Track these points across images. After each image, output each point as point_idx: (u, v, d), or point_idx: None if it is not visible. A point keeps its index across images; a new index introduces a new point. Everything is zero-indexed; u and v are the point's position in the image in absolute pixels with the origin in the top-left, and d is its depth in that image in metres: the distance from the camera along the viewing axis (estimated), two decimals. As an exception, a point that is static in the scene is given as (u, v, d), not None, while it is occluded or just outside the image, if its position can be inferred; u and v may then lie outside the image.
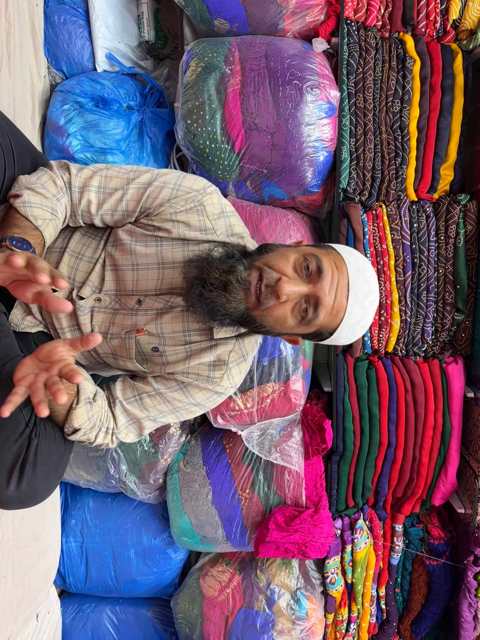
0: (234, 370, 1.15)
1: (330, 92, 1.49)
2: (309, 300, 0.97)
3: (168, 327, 1.11)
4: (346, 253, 1.01)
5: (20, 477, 0.96)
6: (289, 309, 0.97)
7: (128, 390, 1.13)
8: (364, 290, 0.99)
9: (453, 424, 1.63)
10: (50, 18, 1.68)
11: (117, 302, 1.12)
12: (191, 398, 1.14)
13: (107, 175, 1.08)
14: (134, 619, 1.84)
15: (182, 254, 1.09)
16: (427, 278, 1.58)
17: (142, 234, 1.09)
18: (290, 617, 1.64)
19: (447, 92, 1.57)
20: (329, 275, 0.96)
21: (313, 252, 0.98)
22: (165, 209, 1.08)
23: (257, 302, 0.96)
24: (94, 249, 1.14)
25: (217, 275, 0.96)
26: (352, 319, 0.99)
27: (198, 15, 1.58)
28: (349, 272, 0.98)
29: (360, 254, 1.06)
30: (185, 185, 1.09)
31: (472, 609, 1.65)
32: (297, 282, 0.95)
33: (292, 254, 0.98)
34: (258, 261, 0.98)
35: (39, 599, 1.54)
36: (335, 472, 1.69)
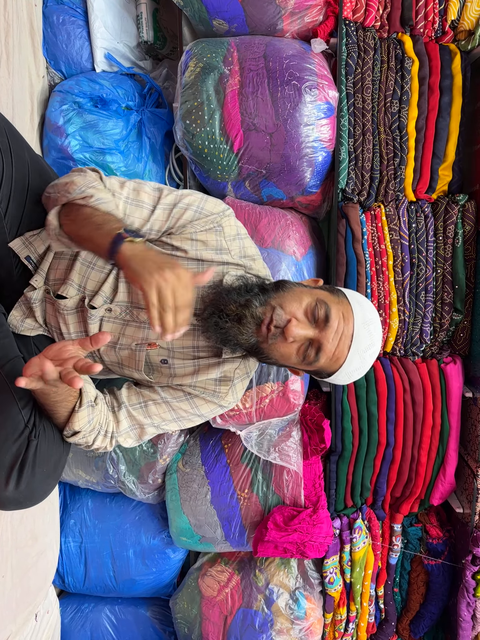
0: (238, 386, 1.20)
1: (328, 92, 1.49)
2: (312, 344, 1.03)
3: (178, 343, 1.14)
4: (355, 304, 1.07)
5: (19, 477, 0.96)
6: (295, 348, 1.03)
7: (134, 397, 1.15)
8: (366, 343, 1.05)
9: (451, 423, 1.64)
10: (49, 18, 1.69)
11: (128, 313, 1.14)
12: (196, 409, 1.18)
13: (134, 189, 1.10)
14: (133, 618, 1.84)
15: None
16: (426, 278, 1.58)
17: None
18: (289, 616, 1.64)
19: (445, 93, 1.57)
20: (335, 325, 1.02)
21: (325, 299, 1.04)
22: (186, 229, 1.12)
23: (267, 337, 1.02)
24: None
25: (234, 308, 1.02)
26: (350, 367, 1.05)
27: (197, 15, 1.58)
28: (355, 324, 1.03)
29: (368, 305, 1.11)
30: (207, 208, 1.13)
31: (471, 608, 1.66)
32: (305, 327, 1.01)
33: (306, 297, 1.04)
34: (273, 300, 1.04)
35: (38, 599, 1.54)
36: (333, 472, 1.69)
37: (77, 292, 1.13)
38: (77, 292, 1.13)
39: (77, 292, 1.13)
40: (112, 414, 1.12)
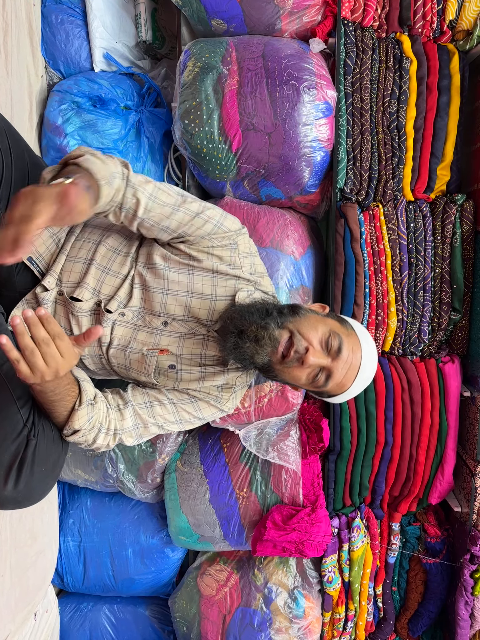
0: (238, 393, 1.27)
1: (327, 92, 1.49)
2: (323, 371, 1.10)
3: (188, 350, 1.19)
4: (362, 337, 1.16)
5: (17, 477, 0.97)
6: (306, 373, 1.11)
7: (139, 397, 1.18)
8: (369, 375, 1.17)
9: (450, 423, 1.64)
10: (47, 18, 1.68)
11: (140, 319, 1.18)
12: (199, 412, 1.23)
13: (159, 188, 1.11)
14: (132, 618, 1.85)
15: (211, 288, 1.18)
16: (424, 278, 1.59)
17: (176, 261, 1.16)
18: (288, 615, 1.65)
19: (443, 93, 1.57)
20: (346, 356, 1.10)
21: (338, 331, 1.12)
22: (204, 241, 1.16)
23: (282, 359, 1.09)
24: (120, 264, 1.18)
25: (254, 329, 1.07)
26: (352, 391, 1.17)
27: (195, 15, 1.58)
28: (362, 356, 1.13)
29: (370, 338, 1.20)
30: (225, 225, 1.18)
31: (469, 607, 1.66)
32: (321, 355, 1.09)
33: (321, 326, 1.11)
34: (290, 324, 1.10)
35: (37, 598, 1.54)
36: (332, 471, 1.69)
37: (92, 296, 1.17)
38: (91, 296, 1.17)
39: (91, 295, 1.17)
40: (117, 412, 1.14)
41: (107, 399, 1.14)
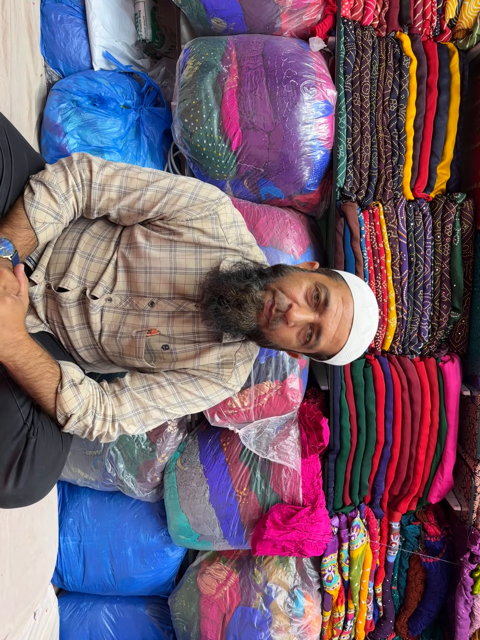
0: (240, 368, 1.21)
1: (327, 91, 1.49)
2: (313, 328, 1.04)
3: (179, 329, 1.15)
4: (355, 287, 1.09)
5: (18, 475, 0.97)
6: (295, 332, 1.05)
7: (137, 381, 1.16)
8: (366, 324, 1.08)
9: (449, 422, 1.64)
10: (47, 16, 1.68)
11: (127, 302, 1.16)
12: (201, 391, 1.18)
13: (128, 176, 1.12)
14: (132, 617, 1.85)
15: (195, 261, 1.14)
16: (424, 277, 1.59)
17: (157, 237, 1.14)
18: (288, 614, 1.65)
19: (443, 92, 1.57)
20: (335, 308, 1.03)
21: (324, 282, 1.05)
22: (181, 215, 1.13)
23: (268, 322, 1.03)
24: (104, 250, 1.17)
25: (234, 293, 1.02)
26: (350, 348, 1.08)
27: (195, 14, 1.58)
28: (355, 307, 1.06)
29: (367, 287, 1.13)
30: (201, 195, 1.14)
31: (468, 606, 1.66)
32: (306, 311, 1.03)
33: (305, 280, 1.05)
34: (273, 284, 1.05)
35: (37, 598, 1.54)
36: (332, 470, 1.69)
37: (78, 284, 1.15)
38: (77, 285, 1.15)
39: (77, 284, 1.15)
40: (114, 397, 1.12)
41: (103, 387, 1.13)
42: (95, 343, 1.19)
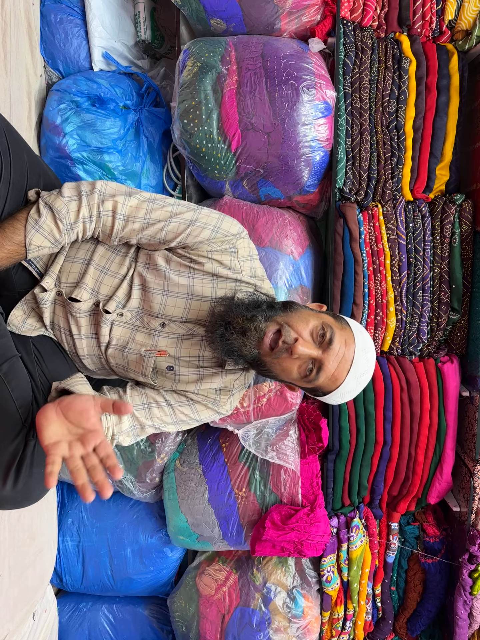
0: (236, 395, 1.27)
1: (326, 92, 1.49)
2: (314, 363, 1.08)
3: (186, 352, 1.19)
4: (357, 332, 1.13)
5: (16, 477, 0.97)
6: (297, 365, 1.08)
7: (137, 397, 1.18)
8: (363, 368, 1.12)
9: (448, 422, 1.64)
10: (46, 17, 1.68)
11: (138, 319, 1.18)
12: (196, 414, 1.22)
13: (152, 209, 1.13)
14: (131, 617, 1.85)
15: (211, 290, 1.17)
16: (423, 277, 1.59)
17: (177, 262, 1.16)
18: (287, 615, 1.65)
19: (442, 93, 1.57)
20: (337, 348, 1.08)
21: (330, 323, 1.10)
22: (203, 246, 1.16)
23: (271, 351, 1.07)
24: (119, 264, 1.18)
25: (240, 321, 1.07)
26: (346, 388, 1.12)
27: (194, 14, 1.58)
28: (356, 350, 1.10)
29: (368, 335, 1.17)
30: (223, 228, 1.17)
31: (467, 606, 1.66)
32: (311, 346, 1.07)
33: (313, 319, 1.10)
34: (280, 317, 1.09)
35: (36, 598, 1.54)
36: (331, 470, 1.69)
37: (91, 296, 1.17)
38: (90, 296, 1.16)
39: (90, 296, 1.16)
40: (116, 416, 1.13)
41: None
42: (100, 353, 1.21)
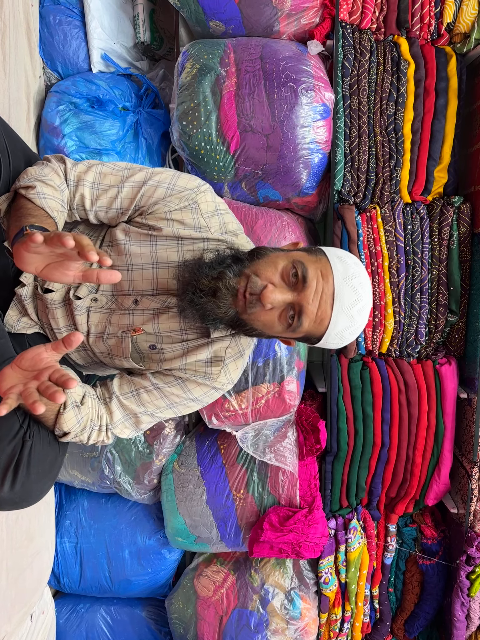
0: (230, 366, 1.16)
1: (325, 94, 1.50)
2: (294, 308, 0.98)
3: (165, 327, 1.12)
4: (335, 260, 1.01)
5: (14, 478, 0.96)
6: (276, 315, 0.99)
7: (125, 386, 1.13)
8: (350, 299, 0.98)
9: (446, 424, 1.64)
10: (45, 18, 1.68)
11: (113, 302, 1.13)
12: (189, 393, 1.14)
13: (101, 172, 1.08)
14: (129, 619, 1.85)
15: (177, 254, 1.09)
16: (421, 280, 1.59)
17: (136, 232, 1.10)
18: (284, 616, 1.65)
19: (441, 95, 1.57)
20: (313, 284, 0.96)
21: (302, 259, 0.99)
22: (159, 207, 1.08)
23: (245, 307, 0.98)
24: None
25: (207, 282, 0.98)
26: (338, 326, 1.00)
27: (193, 16, 1.58)
28: (335, 281, 0.98)
29: (352, 260, 1.04)
30: (179, 185, 1.09)
31: (465, 608, 1.66)
32: (282, 291, 0.97)
33: (282, 260, 0.99)
34: (248, 268, 1.00)
35: (33, 600, 1.54)
36: (329, 472, 1.69)
37: (62, 285, 1.12)
38: (62, 285, 1.12)
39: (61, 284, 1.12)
40: (105, 406, 1.11)
41: (97, 393, 1.12)
42: (84, 345, 1.17)
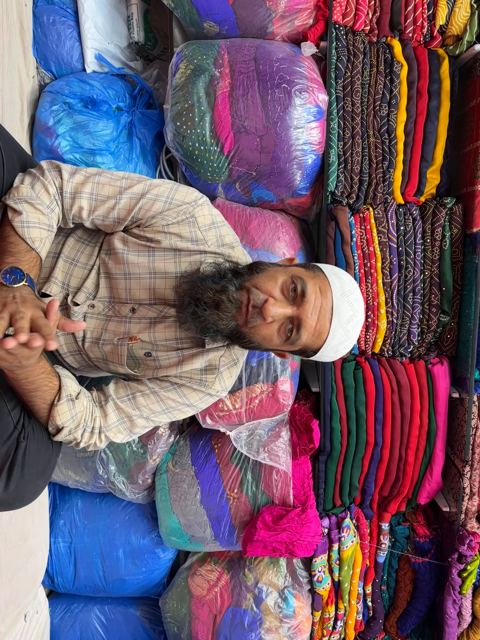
0: (225, 374, 1.18)
1: (318, 95, 1.50)
2: (293, 322, 1.01)
3: (161, 335, 1.13)
4: (333, 277, 1.05)
5: (8, 479, 0.97)
6: (275, 328, 1.02)
7: (121, 390, 1.14)
8: (347, 314, 1.03)
9: (438, 423, 1.66)
10: (39, 18, 1.68)
11: (110, 309, 1.15)
12: (185, 398, 1.16)
13: (99, 182, 1.09)
14: (123, 618, 1.85)
15: (174, 265, 1.11)
16: (414, 280, 1.60)
17: (134, 243, 1.11)
18: (278, 615, 1.66)
19: (433, 97, 1.58)
20: (312, 299, 1.00)
21: (300, 274, 1.02)
22: (157, 221, 1.10)
23: (246, 320, 1.00)
24: (88, 255, 1.15)
25: (210, 295, 1.00)
26: (334, 340, 1.04)
27: (187, 17, 1.58)
28: (334, 296, 1.02)
29: (347, 277, 1.09)
30: (177, 198, 1.11)
31: (457, 605, 1.68)
32: (282, 305, 1.00)
33: (281, 275, 1.02)
34: (248, 282, 1.02)
35: (27, 600, 1.54)
36: (322, 471, 1.70)
37: (61, 290, 1.14)
38: (60, 290, 1.14)
39: (60, 289, 1.14)
40: (100, 408, 1.11)
41: (92, 396, 1.13)
42: (79, 349, 1.18)
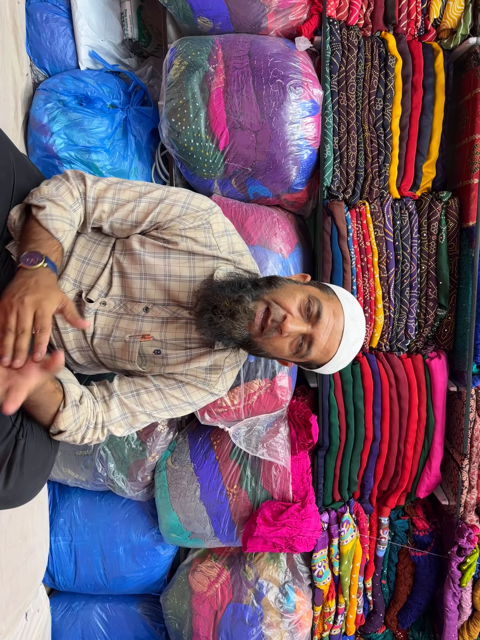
0: (228, 374, 1.25)
1: (313, 90, 1.50)
2: (305, 339, 1.08)
3: (172, 335, 1.18)
4: (345, 301, 1.14)
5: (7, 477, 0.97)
6: (288, 342, 1.08)
7: (125, 386, 1.17)
8: (354, 337, 1.13)
9: (437, 417, 1.66)
10: (32, 15, 1.67)
11: (122, 306, 1.18)
12: (188, 397, 1.21)
13: (120, 189, 1.15)
14: (124, 615, 1.85)
15: (189, 269, 1.17)
16: (410, 274, 1.60)
17: (151, 244, 1.16)
18: (279, 610, 1.66)
19: (428, 91, 1.58)
20: (326, 320, 1.08)
21: (317, 295, 1.10)
22: (175, 224, 1.16)
23: (261, 331, 1.07)
24: (100, 254, 1.18)
25: (227, 304, 1.06)
26: (339, 358, 1.13)
27: (181, 13, 1.58)
28: (345, 320, 1.10)
29: (356, 302, 1.18)
30: (193, 204, 1.18)
31: (456, 598, 1.69)
32: (299, 322, 1.07)
33: (299, 293, 1.09)
34: (267, 295, 1.09)
35: (28, 598, 1.54)
36: (321, 466, 1.71)
37: (73, 287, 1.16)
38: (73, 287, 1.16)
39: (73, 286, 1.16)
40: (103, 403, 1.14)
41: (93, 392, 1.15)
42: (87, 345, 1.20)
